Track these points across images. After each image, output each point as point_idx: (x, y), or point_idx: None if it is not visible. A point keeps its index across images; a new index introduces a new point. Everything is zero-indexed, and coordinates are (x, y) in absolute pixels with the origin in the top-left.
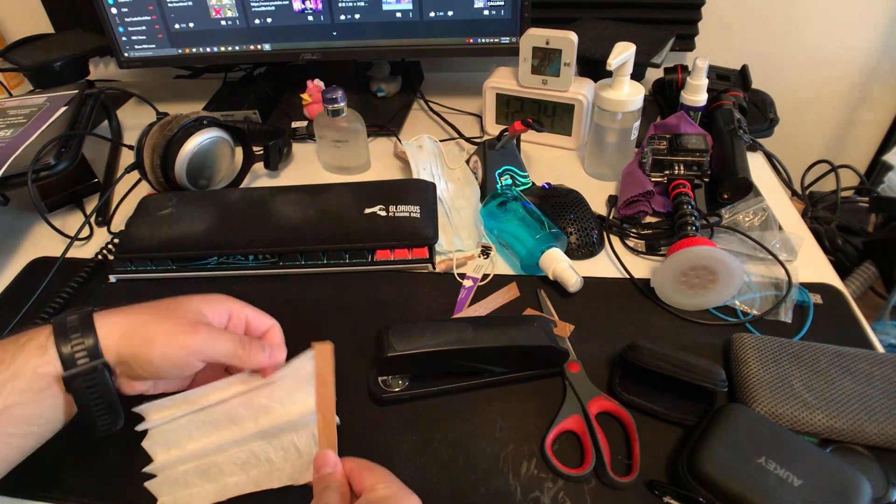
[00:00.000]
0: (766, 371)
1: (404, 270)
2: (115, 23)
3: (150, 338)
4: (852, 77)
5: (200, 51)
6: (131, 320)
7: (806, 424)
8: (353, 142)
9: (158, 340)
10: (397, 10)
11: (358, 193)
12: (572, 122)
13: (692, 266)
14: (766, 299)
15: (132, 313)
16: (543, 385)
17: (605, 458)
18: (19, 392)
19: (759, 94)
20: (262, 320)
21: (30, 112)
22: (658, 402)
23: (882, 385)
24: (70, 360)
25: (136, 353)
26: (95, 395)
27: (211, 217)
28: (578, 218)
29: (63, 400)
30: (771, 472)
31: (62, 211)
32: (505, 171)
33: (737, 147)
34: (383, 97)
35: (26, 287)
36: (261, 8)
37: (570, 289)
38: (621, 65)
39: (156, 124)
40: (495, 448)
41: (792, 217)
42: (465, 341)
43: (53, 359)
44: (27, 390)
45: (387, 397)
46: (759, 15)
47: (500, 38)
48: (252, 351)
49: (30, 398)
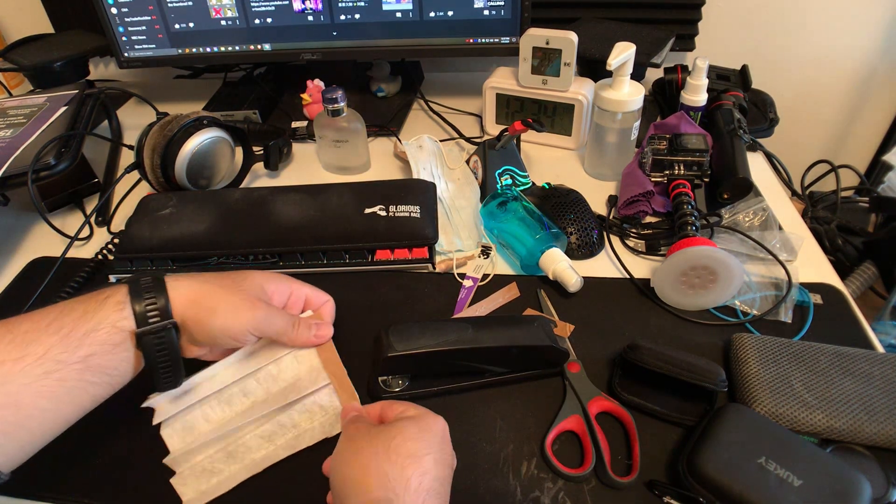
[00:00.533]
0: (766, 371)
1: (404, 270)
2: (115, 23)
3: (214, 308)
4: (852, 77)
5: (200, 51)
6: (200, 288)
7: (806, 424)
8: (353, 142)
9: (221, 311)
10: (397, 10)
11: (358, 193)
12: (572, 122)
13: (692, 266)
14: (766, 299)
15: (201, 281)
16: (543, 385)
17: (605, 458)
18: (99, 343)
19: (759, 94)
20: (319, 297)
21: (30, 112)
22: (658, 402)
23: (882, 385)
24: (143, 318)
25: (199, 319)
26: (163, 352)
27: (211, 217)
28: (578, 218)
29: (134, 354)
30: (771, 472)
31: (62, 211)
32: (505, 171)
33: (737, 147)
34: (383, 97)
35: (26, 287)
36: (261, 8)
37: (570, 289)
38: (621, 65)
39: (156, 124)
40: (495, 448)
41: (792, 217)
42: (465, 341)
43: (129, 315)
44: (105, 342)
45: (387, 397)
46: (759, 15)
47: (500, 38)
48: (300, 330)
49: (107, 349)
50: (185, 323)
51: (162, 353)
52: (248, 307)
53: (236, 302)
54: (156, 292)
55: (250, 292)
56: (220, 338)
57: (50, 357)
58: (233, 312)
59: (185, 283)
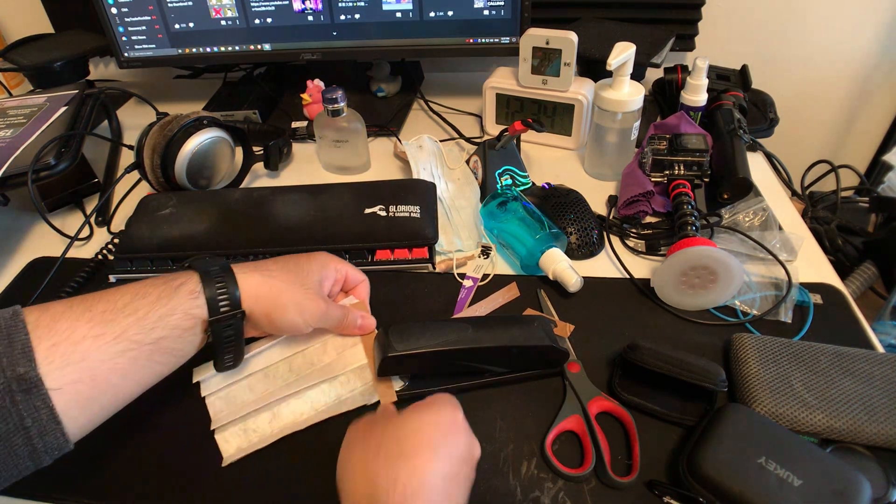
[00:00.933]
0: (766, 371)
1: (404, 270)
2: (115, 23)
3: (284, 305)
4: (852, 77)
5: (200, 51)
6: (268, 283)
7: (806, 424)
8: (353, 142)
9: (290, 309)
10: (397, 10)
11: (358, 193)
12: (572, 122)
13: (692, 266)
14: (766, 299)
15: (268, 275)
16: (543, 385)
17: (605, 458)
18: (171, 327)
19: (759, 94)
20: (356, 276)
21: (30, 112)
22: (658, 402)
23: (882, 385)
24: (214, 306)
25: (268, 313)
26: (231, 338)
27: (211, 217)
28: (578, 218)
29: (201, 338)
30: (771, 472)
31: (62, 211)
32: (505, 171)
33: (737, 147)
34: (383, 97)
35: (26, 287)
36: (261, 8)
37: (570, 289)
38: (621, 65)
39: (156, 124)
40: (495, 448)
41: (792, 217)
42: (465, 341)
43: (202, 304)
44: (177, 327)
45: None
46: (759, 15)
47: (500, 38)
48: (348, 321)
49: (178, 334)
50: (252, 313)
51: (228, 338)
52: (312, 306)
53: (301, 300)
54: (227, 282)
55: (314, 288)
56: (285, 328)
57: (126, 337)
58: (299, 310)
59: (253, 277)
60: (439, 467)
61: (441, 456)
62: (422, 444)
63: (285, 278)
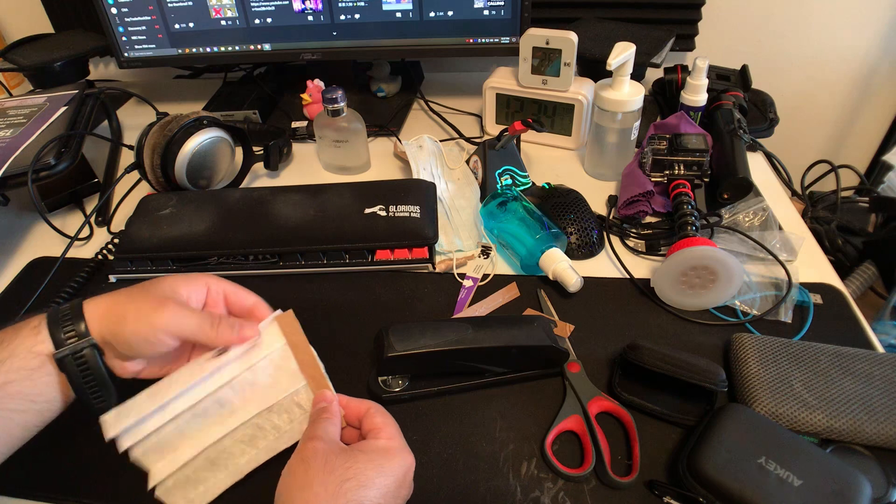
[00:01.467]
0: (766, 371)
1: (404, 270)
2: (115, 23)
3: (123, 315)
4: (852, 77)
5: (200, 51)
6: (111, 301)
7: (806, 424)
8: (353, 142)
9: (129, 317)
10: (397, 10)
11: (358, 193)
12: (572, 122)
13: (692, 266)
14: (766, 299)
15: (114, 295)
16: (543, 385)
17: (605, 458)
18: (16, 370)
19: (759, 94)
20: (243, 296)
21: (30, 112)
22: (658, 402)
23: (882, 385)
24: (60, 340)
25: (113, 331)
26: (87, 373)
27: (211, 217)
28: (578, 218)
29: (58, 378)
30: (771, 472)
31: (62, 211)
32: (505, 171)
33: (737, 147)
34: (383, 97)
35: (26, 287)
36: (261, 8)
37: (570, 289)
38: (621, 65)
39: (156, 124)
40: (495, 448)
41: (792, 217)
42: (465, 341)
43: (46, 339)
44: (22, 368)
45: (387, 397)
46: (759, 15)
47: (500, 38)
48: (221, 328)
49: (25, 375)
50: (103, 339)
51: (86, 373)
52: (154, 308)
53: (142, 306)
54: (72, 315)
55: (158, 294)
56: (136, 345)
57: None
58: (140, 316)
59: (98, 302)
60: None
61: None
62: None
63: (128, 292)
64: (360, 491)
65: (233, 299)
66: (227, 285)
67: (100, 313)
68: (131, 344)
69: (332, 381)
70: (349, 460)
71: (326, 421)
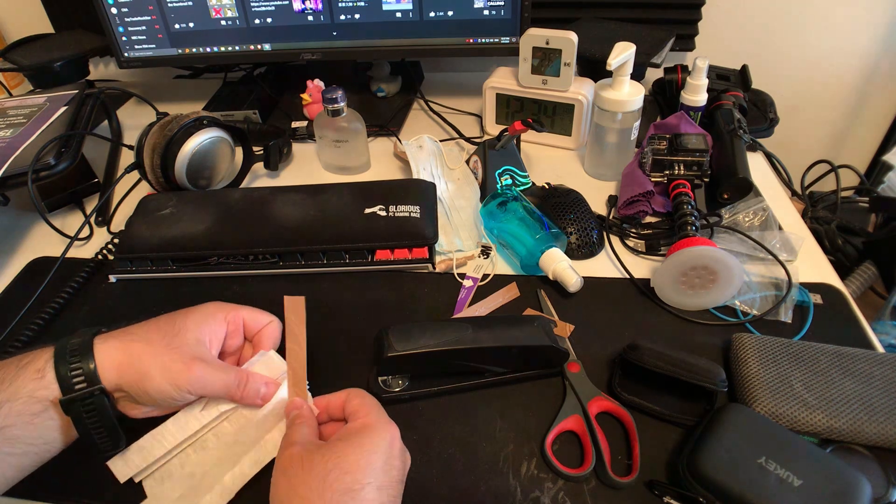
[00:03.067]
0: (766, 371)
1: (404, 270)
2: (115, 23)
3: (147, 372)
4: (852, 77)
5: (200, 51)
6: (129, 349)
7: (806, 424)
8: (353, 142)
9: (154, 376)
10: (397, 10)
11: (358, 193)
12: (572, 122)
13: (692, 266)
14: (766, 299)
15: (131, 339)
16: (543, 385)
17: (605, 458)
18: (16, 414)
19: (759, 94)
20: (259, 319)
21: (30, 112)
22: (658, 402)
23: (882, 385)
24: (68, 384)
25: (133, 385)
26: (94, 419)
27: (211, 217)
28: (578, 218)
29: (61, 422)
30: (771, 472)
31: (62, 211)
32: (505, 171)
33: (737, 147)
34: (383, 97)
35: (26, 287)
36: (261, 8)
37: (570, 289)
38: (621, 65)
39: (156, 124)
40: (495, 448)
41: (792, 217)
42: (465, 341)
43: (51, 383)
44: (23, 413)
45: (387, 397)
46: (759, 15)
47: (500, 38)
48: (248, 389)
49: (25, 420)
50: (121, 387)
51: (93, 419)
52: (181, 369)
53: (168, 364)
54: (81, 356)
55: (184, 350)
56: (160, 400)
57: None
58: (166, 376)
59: (113, 345)
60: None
61: (383, 485)
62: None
63: (149, 341)
64: (346, 477)
65: (251, 325)
66: (245, 312)
67: (116, 363)
68: (154, 398)
69: (332, 381)
70: (328, 453)
71: (299, 425)
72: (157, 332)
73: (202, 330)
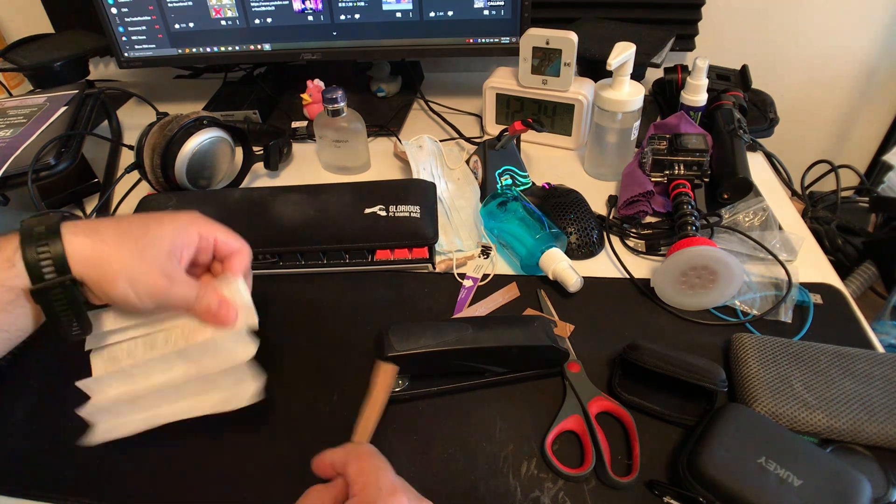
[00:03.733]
0: (766, 371)
1: (404, 270)
2: (115, 23)
3: (113, 279)
4: (852, 77)
5: (200, 51)
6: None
7: (806, 424)
8: (353, 142)
9: (119, 284)
10: (397, 10)
11: (358, 193)
12: (572, 122)
13: (692, 266)
14: (766, 299)
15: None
16: (543, 385)
17: (605, 458)
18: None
19: (759, 94)
20: (231, 243)
21: (30, 112)
22: (658, 402)
23: (882, 385)
24: (37, 272)
25: (99, 283)
26: (63, 307)
27: (211, 217)
28: (578, 218)
29: (32, 309)
30: (771, 472)
31: (62, 211)
32: (505, 171)
33: (737, 147)
34: (383, 97)
35: None
36: (261, 8)
37: (570, 289)
38: (621, 65)
39: (156, 124)
40: (495, 448)
41: (792, 217)
42: (465, 341)
43: (21, 272)
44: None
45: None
46: (759, 15)
47: (500, 38)
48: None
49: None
50: (83, 280)
51: (62, 307)
52: (148, 282)
53: (136, 276)
54: (49, 243)
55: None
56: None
57: None
58: (133, 286)
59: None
60: None
61: None
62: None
63: (119, 244)
64: None
65: (221, 247)
66: (219, 232)
67: (84, 258)
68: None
69: (333, 382)
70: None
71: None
72: (129, 239)
73: (175, 243)
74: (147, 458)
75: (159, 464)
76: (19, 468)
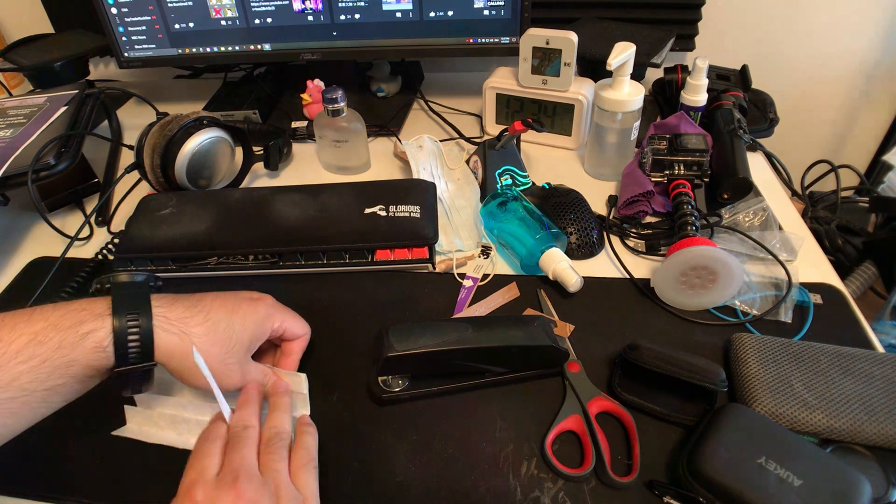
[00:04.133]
0: (766, 371)
1: (404, 270)
2: (115, 23)
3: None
4: (852, 77)
5: (200, 51)
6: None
7: (806, 424)
8: (353, 142)
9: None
10: (397, 10)
11: (358, 193)
12: (572, 122)
13: (692, 266)
14: (766, 299)
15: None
16: (543, 385)
17: (605, 458)
18: (71, 376)
19: (759, 94)
20: (296, 330)
21: (30, 112)
22: (658, 402)
23: (882, 385)
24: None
25: (179, 372)
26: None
27: (211, 217)
28: (578, 218)
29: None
30: (771, 472)
31: (62, 211)
32: (505, 171)
33: (737, 147)
34: (383, 97)
35: (26, 287)
36: (261, 8)
37: (570, 289)
38: (621, 65)
39: (156, 124)
40: (495, 448)
41: (792, 217)
42: (465, 341)
43: (109, 355)
44: (76, 376)
45: (387, 397)
46: (759, 15)
47: (500, 38)
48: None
49: (78, 380)
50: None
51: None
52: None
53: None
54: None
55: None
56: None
57: (17, 385)
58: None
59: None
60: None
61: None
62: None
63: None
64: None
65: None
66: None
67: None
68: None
69: (333, 382)
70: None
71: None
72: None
73: (254, 340)
74: (147, 458)
75: (159, 464)
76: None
